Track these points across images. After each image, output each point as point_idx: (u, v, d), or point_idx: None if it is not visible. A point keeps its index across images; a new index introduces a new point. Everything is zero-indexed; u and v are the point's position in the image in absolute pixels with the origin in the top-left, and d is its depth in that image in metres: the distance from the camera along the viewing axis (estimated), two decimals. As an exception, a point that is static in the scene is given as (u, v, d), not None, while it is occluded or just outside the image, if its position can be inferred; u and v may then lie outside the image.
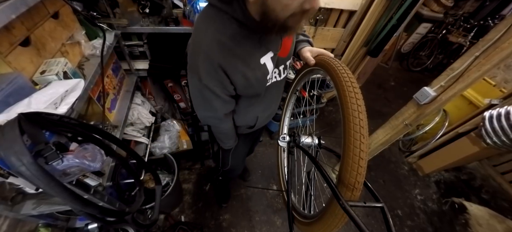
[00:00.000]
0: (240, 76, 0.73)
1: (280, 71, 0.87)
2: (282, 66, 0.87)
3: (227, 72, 0.71)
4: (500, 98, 1.80)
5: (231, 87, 0.77)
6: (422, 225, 1.90)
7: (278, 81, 0.91)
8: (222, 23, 0.65)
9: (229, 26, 0.65)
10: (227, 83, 0.75)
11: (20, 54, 0.66)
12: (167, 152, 1.59)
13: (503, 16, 3.41)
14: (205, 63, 0.68)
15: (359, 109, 0.51)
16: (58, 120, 0.60)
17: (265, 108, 1.02)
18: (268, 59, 0.77)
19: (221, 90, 0.76)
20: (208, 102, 0.80)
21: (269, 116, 1.14)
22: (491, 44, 1.00)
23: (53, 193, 0.47)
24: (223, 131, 1.00)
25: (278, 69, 0.86)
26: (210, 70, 0.69)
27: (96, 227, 1.08)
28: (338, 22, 1.91)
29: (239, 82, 0.75)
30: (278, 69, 0.86)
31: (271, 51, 0.76)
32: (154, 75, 1.56)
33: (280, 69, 0.87)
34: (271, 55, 0.77)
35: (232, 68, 0.70)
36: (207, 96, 0.77)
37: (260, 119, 1.04)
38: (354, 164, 0.49)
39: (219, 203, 1.81)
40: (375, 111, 3.01)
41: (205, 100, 0.80)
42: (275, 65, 0.81)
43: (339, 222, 0.54)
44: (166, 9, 1.22)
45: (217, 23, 0.65)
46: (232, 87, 0.77)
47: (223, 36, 0.65)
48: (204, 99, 0.80)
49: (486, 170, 2.21)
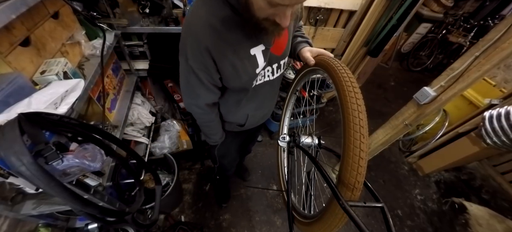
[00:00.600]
0: (228, 64, 0.71)
1: (273, 69, 0.85)
2: (276, 64, 0.85)
3: (214, 58, 0.69)
4: (500, 98, 1.80)
5: (217, 75, 0.75)
6: (422, 225, 1.90)
7: (271, 80, 0.88)
8: (216, 6, 0.64)
9: (222, 9, 0.64)
10: (213, 70, 0.72)
11: (20, 54, 0.66)
12: (167, 152, 1.59)
13: (503, 16, 3.41)
14: (193, 44, 0.67)
15: (359, 109, 0.51)
16: (58, 120, 0.60)
17: (257, 107, 0.99)
18: (259, 52, 0.75)
19: (205, 75, 0.73)
20: (191, 88, 0.78)
21: (263, 117, 1.12)
22: (491, 44, 1.00)
23: (53, 193, 0.47)
24: (205, 123, 0.96)
25: (271, 67, 0.84)
26: (197, 52, 0.68)
27: (96, 227, 1.08)
28: (338, 22, 1.91)
29: (226, 71, 0.73)
30: (271, 67, 0.84)
31: (263, 44, 0.74)
32: (154, 75, 1.56)
33: (274, 67, 0.85)
34: (263, 48, 0.75)
35: (220, 54, 0.68)
36: (191, 80, 0.75)
37: (251, 118, 1.02)
38: (354, 164, 0.49)
39: (219, 203, 1.81)
40: (375, 111, 3.01)
41: (189, 84, 0.78)
42: (267, 61, 0.79)
43: (339, 222, 0.54)
44: (166, 9, 1.22)
45: (211, 6, 0.64)
46: (217, 75, 0.75)
47: (215, 19, 0.64)
48: (188, 83, 0.78)
49: (486, 170, 2.21)
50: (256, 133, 1.54)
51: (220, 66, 0.71)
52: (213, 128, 0.99)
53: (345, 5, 1.73)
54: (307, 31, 1.85)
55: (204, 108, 0.86)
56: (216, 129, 1.01)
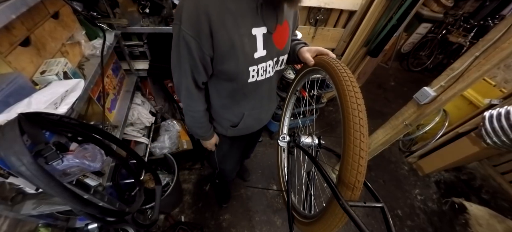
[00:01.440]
0: (225, 37, 0.64)
1: (273, 63, 0.80)
2: (276, 58, 0.80)
3: (213, 26, 0.61)
4: (500, 98, 1.80)
5: (209, 49, 0.66)
6: (422, 225, 1.90)
7: (271, 76, 0.84)
8: None
9: None
10: (207, 44, 0.64)
11: (20, 54, 0.66)
12: (167, 152, 1.59)
13: (503, 16, 3.41)
14: (190, 4, 0.59)
15: (359, 108, 0.51)
16: (58, 120, 0.60)
17: (254, 106, 0.93)
18: (260, 35, 0.70)
19: (196, 46, 0.64)
20: (180, 62, 0.70)
21: (259, 121, 1.06)
22: (491, 44, 1.00)
23: (53, 193, 0.47)
24: (191, 112, 0.87)
25: (272, 60, 0.79)
26: (193, 14, 0.60)
27: (96, 227, 1.08)
28: (338, 22, 1.91)
29: (222, 46, 0.65)
30: (272, 60, 0.79)
31: (265, 27, 0.70)
32: (154, 75, 1.56)
33: (274, 61, 0.80)
34: (264, 31, 0.70)
35: (219, 23, 0.61)
36: (181, 51, 0.66)
37: (246, 118, 0.95)
38: (354, 163, 0.49)
39: (220, 203, 1.81)
40: (375, 111, 3.01)
41: (179, 57, 0.69)
42: (268, 51, 0.74)
43: (339, 222, 0.54)
44: (166, 9, 1.21)
45: None
46: (210, 49, 0.66)
47: None
48: (178, 56, 0.69)
49: (486, 170, 2.21)
50: (255, 139, 1.53)
51: (217, 38, 0.64)
52: (197, 118, 0.90)
53: (345, 5, 1.73)
54: (307, 31, 1.85)
55: (193, 91, 0.78)
56: (201, 121, 0.92)
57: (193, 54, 0.66)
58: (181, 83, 0.76)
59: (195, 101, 0.83)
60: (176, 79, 0.77)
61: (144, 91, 1.66)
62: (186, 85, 0.76)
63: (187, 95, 0.80)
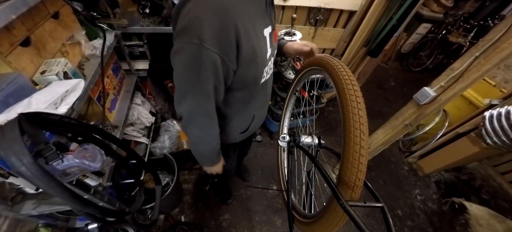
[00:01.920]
0: (249, 45, 0.59)
1: (273, 59, 0.80)
2: (272, 59, 0.79)
3: (239, 38, 0.55)
4: (500, 98, 1.80)
5: (234, 63, 0.60)
6: (422, 225, 1.90)
7: (270, 77, 0.84)
8: None
9: None
10: (233, 56, 0.58)
11: (20, 54, 0.66)
12: (167, 152, 1.59)
13: (503, 16, 3.41)
14: (213, 18, 0.51)
15: (359, 107, 0.51)
16: (58, 120, 0.60)
17: (261, 106, 0.93)
18: (267, 34, 0.67)
19: (221, 63, 0.56)
20: (200, 85, 0.59)
21: (262, 118, 1.06)
22: (491, 44, 1.00)
23: (53, 193, 0.47)
24: (206, 140, 0.77)
25: (273, 56, 0.78)
26: (219, 28, 0.52)
27: (96, 227, 1.08)
28: (338, 22, 1.91)
29: (245, 55, 0.59)
30: (273, 56, 0.78)
31: (270, 26, 0.68)
32: (154, 75, 1.56)
33: (272, 61, 0.79)
34: (270, 31, 0.68)
35: (244, 33, 0.56)
36: (203, 72, 0.56)
37: (255, 119, 0.94)
38: (354, 162, 0.48)
39: (223, 200, 1.82)
40: (375, 111, 3.01)
41: (198, 80, 0.58)
42: (272, 48, 0.72)
43: (339, 222, 0.54)
44: (166, 9, 1.22)
45: None
46: (235, 63, 0.60)
47: None
48: (197, 78, 0.57)
49: (486, 170, 2.21)
50: (252, 136, 1.53)
51: (242, 49, 0.57)
52: (214, 147, 0.82)
53: (345, 5, 1.73)
54: (307, 31, 1.85)
55: (213, 116, 0.69)
56: (215, 147, 0.83)
57: (218, 73, 0.58)
58: (198, 109, 0.65)
59: (213, 126, 0.74)
60: (191, 105, 0.64)
61: (144, 91, 1.66)
62: (206, 110, 0.66)
63: (206, 122, 0.70)
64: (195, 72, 0.57)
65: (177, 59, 0.57)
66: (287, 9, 1.67)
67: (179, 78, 0.61)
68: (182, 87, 0.62)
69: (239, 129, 0.94)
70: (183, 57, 0.56)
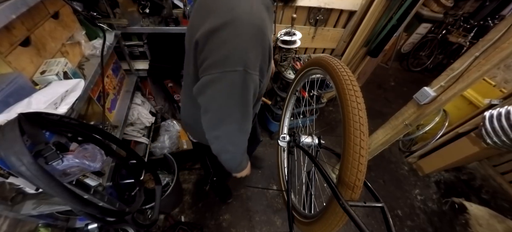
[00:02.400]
0: (272, 57, 0.62)
1: None
2: None
3: (270, 53, 0.58)
4: (500, 98, 1.80)
5: (264, 77, 0.62)
6: (422, 225, 1.90)
7: None
8: None
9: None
10: (265, 71, 0.60)
11: (20, 54, 0.66)
12: (167, 152, 1.59)
13: (503, 16, 3.41)
14: (257, 45, 0.52)
15: (359, 107, 0.51)
16: (58, 120, 0.60)
17: (258, 105, 0.96)
18: None
19: (259, 82, 0.59)
20: (245, 107, 0.59)
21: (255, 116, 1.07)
22: (491, 44, 1.00)
23: (53, 193, 0.47)
24: (242, 149, 0.76)
25: None
26: (263, 53, 0.54)
27: (96, 227, 1.08)
28: (338, 22, 1.91)
29: (268, 68, 0.62)
30: None
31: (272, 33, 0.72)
32: (154, 75, 1.56)
33: None
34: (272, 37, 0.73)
35: (271, 48, 0.58)
36: (249, 96, 0.57)
37: (255, 117, 0.99)
38: (354, 162, 0.49)
39: (224, 200, 1.82)
40: (375, 111, 3.01)
41: (244, 102, 0.58)
42: None
43: (339, 222, 0.54)
44: (166, 9, 1.22)
45: None
46: (264, 78, 0.62)
47: (263, 6, 0.55)
48: (243, 101, 0.58)
49: (486, 170, 2.21)
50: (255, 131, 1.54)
51: (269, 64, 0.60)
52: (245, 155, 0.82)
53: (345, 5, 1.73)
54: (307, 31, 1.85)
55: (248, 133, 0.69)
56: (245, 153, 0.82)
57: (256, 91, 0.60)
58: (238, 129, 0.65)
59: (246, 142, 0.73)
60: (230, 128, 0.63)
61: (144, 91, 1.66)
62: (244, 129, 0.67)
63: (243, 140, 0.70)
64: (239, 97, 0.57)
65: (215, 87, 0.55)
66: (287, 9, 1.67)
67: (216, 105, 0.59)
68: (220, 112, 0.60)
69: None
70: (224, 85, 0.55)
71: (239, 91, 0.56)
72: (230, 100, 0.57)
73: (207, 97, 0.58)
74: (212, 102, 0.59)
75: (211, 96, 0.57)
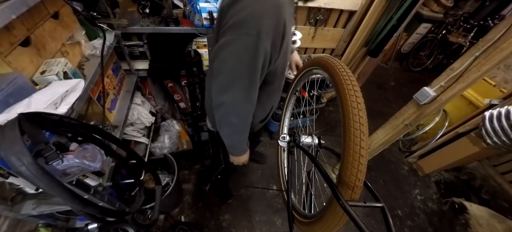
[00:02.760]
0: (287, 38, 0.65)
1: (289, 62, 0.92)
2: None
3: (285, 31, 0.62)
4: (500, 98, 1.80)
5: (276, 54, 0.66)
6: (422, 225, 1.90)
7: None
8: None
9: None
10: (278, 49, 0.65)
11: (20, 54, 0.66)
12: (167, 152, 1.59)
13: (503, 16, 3.41)
14: (273, 14, 0.58)
15: (359, 107, 0.51)
16: (58, 120, 0.60)
17: (277, 98, 0.99)
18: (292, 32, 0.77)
19: (270, 55, 0.63)
20: (252, 73, 0.63)
21: (273, 111, 1.09)
22: (491, 44, 1.00)
23: (53, 193, 0.47)
24: (246, 127, 0.78)
25: None
26: (277, 24, 0.59)
27: (96, 227, 1.08)
28: (338, 22, 1.91)
29: (284, 47, 0.67)
30: None
31: (294, 26, 0.79)
32: (154, 75, 1.56)
33: None
34: (293, 29, 0.80)
35: (287, 29, 0.63)
36: (257, 62, 0.61)
37: (272, 110, 1.00)
38: (354, 162, 0.49)
39: (224, 200, 1.82)
40: (375, 111, 3.01)
41: (251, 69, 0.62)
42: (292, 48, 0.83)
43: (339, 222, 0.54)
44: (166, 9, 1.22)
45: None
46: (277, 54, 0.67)
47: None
48: (251, 67, 0.62)
49: (486, 170, 2.21)
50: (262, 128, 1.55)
51: (285, 41, 0.64)
52: (247, 132, 0.84)
53: (345, 5, 1.73)
54: (307, 31, 1.85)
55: (254, 104, 0.72)
56: (247, 133, 0.84)
57: (265, 64, 0.65)
58: (243, 97, 0.67)
59: (250, 115, 0.75)
60: (236, 93, 0.66)
61: (144, 91, 1.66)
62: (250, 98, 0.69)
63: (247, 109, 0.72)
64: (248, 62, 0.61)
65: (228, 49, 0.60)
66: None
67: (227, 68, 0.63)
68: (230, 75, 0.64)
69: (259, 118, 0.98)
70: (237, 47, 0.59)
71: (250, 55, 0.60)
72: (240, 64, 0.61)
73: (220, 60, 0.63)
74: (224, 64, 0.63)
75: (223, 58, 0.62)
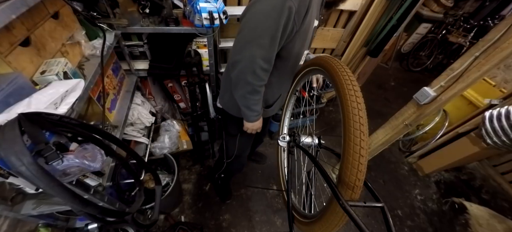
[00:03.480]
0: (308, 18, 0.70)
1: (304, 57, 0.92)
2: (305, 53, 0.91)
3: (310, 6, 0.68)
4: (500, 98, 1.80)
5: (299, 25, 0.70)
6: (422, 225, 1.90)
7: None
8: None
9: None
10: (301, 17, 0.68)
11: (20, 54, 0.66)
12: (167, 152, 1.59)
13: (503, 16, 3.41)
14: None
15: (359, 107, 0.51)
16: (58, 120, 0.60)
17: (286, 89, 1.03)
18: (314, 26, 0.80)
19: (293, 18, 0.66)
20: (275, 31, 0.66)
21: (280, 104, 1.12)
22: (491, 44, 1.00)
23: (53, 193, 0.47)
24: (258, 88, 0.81)
25: (306, 51, 0.91)
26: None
27: (96, 227, 1.08)
28: (338, 22, 1.91)
29: (304, 24, 0.70)
30: (306, 51, 0.91)
31: (317, 21, 0.81)
32: (154, 75, 1.56)
33: (305, 54, 0.91)
34: (316, 25, 0.81)
35: (313, 3, 0.69)
36: (281, 20, 0.65)
37: (279, 99, 1.03)
38: (354, 162, 0.49)
39: (223, 199, 1.83)
40: (375, 111, 3.01)
41: (275, 26, 0.66)
42: (309, 42, 0.85)
43: (339, 222, 0.54)
44: (166, 9, 1.21)
45: None
46: (299, 25, 0.70)
47: None
48: (275, 24, 0.65)
49: (486, 170, 2.21)
50: (267, 124, 1.57)
51: (306, 16, 0.69)
52: (262, 95, 0.87)
53: (345, 5, 1.73)
54: (307, 31, 1.85)
55: (270, 64, 0.75)
56: (260, 100, 0.88)
57: (288, 25, 0.67)
58: (261, 54, 0.71)
59: (266, 75, 0.79)
60: (254, 50, 0.70)
61: (144, 91, 1.66)
62: (267, 56, 0.72)
63: (264, 67, 0.74)
64: (274, 17, 0.65)
65: (257, 6, 0.66)
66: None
67: (253, 23, 0.68)
68: (254, 32, 0.68)
69: (266, 102, 1.00)
70: (266, 4, 0.65)
71: (276, 14, 0.64)
72: (266, 21, 0.66)
73: (247, 16, 0.69)
74: (250, 20, 0.68)
75: (251, 14, 0.68)
